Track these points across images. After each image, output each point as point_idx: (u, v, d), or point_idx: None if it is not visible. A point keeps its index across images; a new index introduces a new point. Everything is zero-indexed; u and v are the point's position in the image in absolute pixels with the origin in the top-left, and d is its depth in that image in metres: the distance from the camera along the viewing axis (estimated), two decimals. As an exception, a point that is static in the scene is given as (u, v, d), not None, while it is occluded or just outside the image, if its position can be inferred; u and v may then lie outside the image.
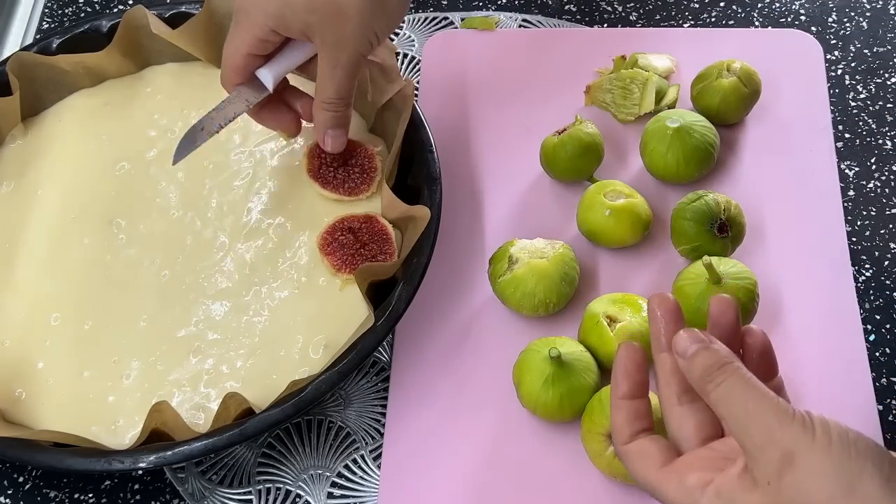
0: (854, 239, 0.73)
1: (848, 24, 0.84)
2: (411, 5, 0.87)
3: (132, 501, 0.65)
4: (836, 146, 0.77)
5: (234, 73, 0.65)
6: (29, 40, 0.88)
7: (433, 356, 0.68)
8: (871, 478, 0.41)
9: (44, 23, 0.90)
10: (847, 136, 0.78)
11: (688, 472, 0.46)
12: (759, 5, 0.86)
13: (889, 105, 0.80)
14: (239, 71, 0.65)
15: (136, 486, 0.65)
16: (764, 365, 0.51)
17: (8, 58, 0.74)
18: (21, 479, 0.66)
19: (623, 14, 0.86)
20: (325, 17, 0.59)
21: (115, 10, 0.90)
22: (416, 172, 0.70)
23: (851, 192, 0.75)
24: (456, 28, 0.85)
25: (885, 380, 0.67)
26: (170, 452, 0.58)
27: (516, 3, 0.87)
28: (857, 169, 0.76)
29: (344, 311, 0.67)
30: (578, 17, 0.86)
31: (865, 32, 0.84)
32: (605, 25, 0.85)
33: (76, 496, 0.65)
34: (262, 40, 0.62)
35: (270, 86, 0.65)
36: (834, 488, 0.41)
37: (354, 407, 0.67)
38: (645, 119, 0.76)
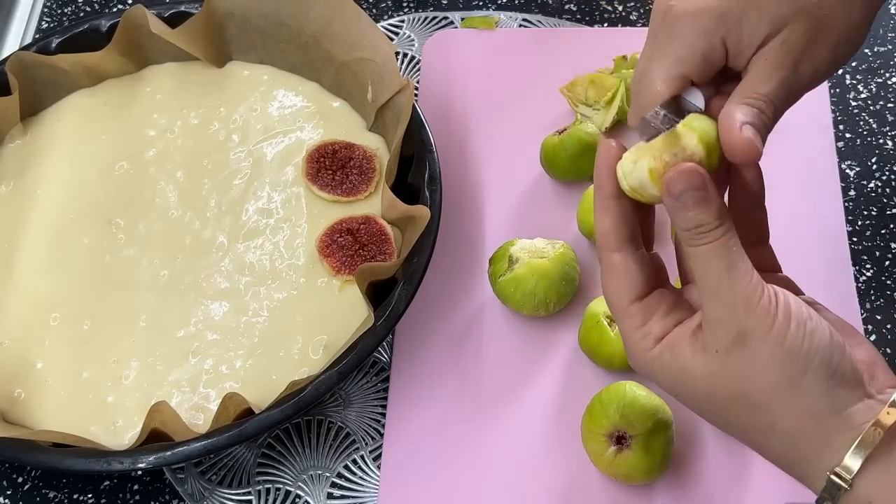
0: (855, 239, 0.73)
1: (848, 24, 0.84)
2: (411, 4, 0.87)
3: (132, 502, 0.65)
4: (836, 146, 0.77)
5: (657, 99, 0.47)
6: (28, 40, 0.88)
7: (433, 356, 0.68)
8: (815, 373, 0.42)
9: (43, 22, 0.90)
10: (848, 135, 0.78)
11: (653, 316, 0.45)
12: (760, 5, 0.85)
13: (890, 105, 0.79)
14: (662, 97, 0.47)
15: (136, 487, 0.65)
16: (754, 191, 0.48)
17: (7, 57, 0.74)
18: (20, 480, 0.66)
19: (623, 14, 0.86)
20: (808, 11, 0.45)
21: (115, 9, 0.90)
22: (416, 172, 0.70)
23: (852, 192, 0.75)
24: (456, 28, 0.85)
25: (885, 380, 0.67)
26: (169, 453, 0.58)
27: (516, 2, 0.87)
28: (857, 169, 0.76)
29: (344, 312, 0.67)
30: (578, 16, 0.86)
31: (866, 32, 0.84)
32: (605, 25, 0.85)
33: (75, 496, 0.65)
34: (705, 55, 0.46)
35: (702, 105, 0.47)
36: (778, 377, 0.42)
37: (354, 407, 0.67)
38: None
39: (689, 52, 0.46)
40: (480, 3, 0.87)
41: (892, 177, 0.76)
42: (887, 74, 0.81)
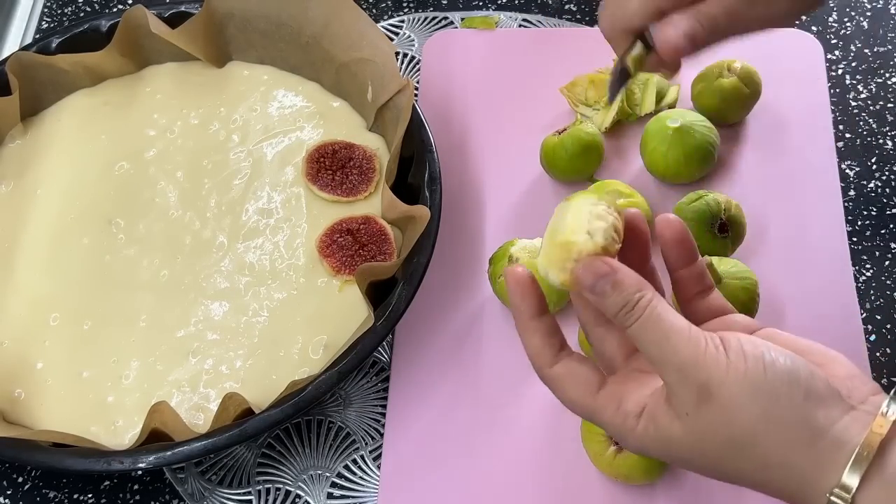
0: (854, 239, 0.73)
1: (848, 24, 0.84)
2: (411, 4, 0.87)
3: (132, 502, 0.65)
4: (836, 146, 0.77)
5: (627, 29, 0.52)
6: (28, 40, 0.88)
7: (433, 356, 0.68)
8: (788, 400, 0.42)
9: (43, 22, 0.90)
10: (847, 135, 0.78)
11: (624, 396, 0.46)
12: (760, 5, 0.85)
13: (890, 105, 0.79)
14: (633, 27, 0.52)
15: (136, 487, 0.65)
16: (682, 251, 0.49)
17: (7, 57, 0.74)
18: (20, 480, 0.66)
19: (623, 14, 0.86)
20: None
21: (115, 9, 0.90)
22: (416, 172, 0.70)
23: (852, 192, 0.75)
24: (456, 28, 0.85)
25: (885, 380, 0.67)
26: (169, 453, 0.58)
27: (516, 2, 0.87)
28: (857, 169, 0.76)
29: (344, 312, 0.67)
30: (578, 16, 0.86)
31: (866, 32, 0.84)
32: (606, 25, 0.85)
33: (75, 496, 0.65)
34: None
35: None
36: (750, 415, 0.42)
37: (354, 407, 0.67)
38: (645, 119, 0.76)
39: None
40: (480, 3, 0.87)
41: (892, 177, 0.76)
42: (887, 74, 0.81)
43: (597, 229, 0.45)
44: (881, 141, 0.78)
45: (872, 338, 0.68)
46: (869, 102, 0.80)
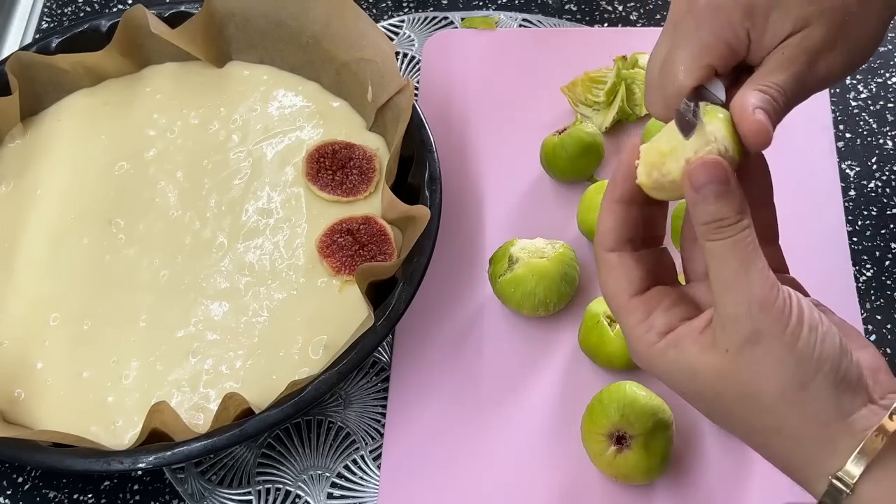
0: (855, 239, 0.73)
1: (848, 24, 0.84)
2: (411, 4, 0.87)
3: (131, 502, 0.65)
4: (836, 146, 0.77)
5: (682, 88, 0.46)
6: (28, 40, 0.88)
7: (433, 356, 0.68)
8: (824, 379, 0.42)
9: (43, 22, 0.90)
10: (848, 135, 0.78)
11: (656, 310, 0.45)
12: (760, 5, 0.85)
13: (890, 105, 0.79)
14: (687, 86, 0.46)
15: (136, 487, 0.65)
16: (763, 189, 0.48)
17: (7, 57, 0.74)
18: (20, 480, 0.66)
19: (623, 14, 0.86)
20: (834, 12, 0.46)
21: (115, 9, 0.90)
22: (416, 172, 0.70)
23: (852, 192, 0.75)
24: (456, 28, 0.85)
25: (885, 380, 0.67)
26: (169, 453, 0.58)
27: (516, 2, 0.87)
28: (857, 169, 0.76)
29: (344, 312, 0.67)
30: (578, 16, 0.86)
31: (866, 32, 0.83)
32: (606, 25, 0.85)
33: (75, 496, 0.65)
34: (730, 45, 0.46)
35: (724, 96, 0.47)
36: (788, 381, 0.42)
37: (354, 407, 0.67)
38: (645, 119, 0.76)
39: (716, 41, 0.46)
40: (480, 3, 0.87)
41: (892, 177, 0.76)
42: (887, 74, 0.81)
43: (734, 133, 0.43)
44: (881, 141, 0.78)
45: (872, 338, 0.68)
46: (869, 102, 0.80)
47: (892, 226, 0.73)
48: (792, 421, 0.42)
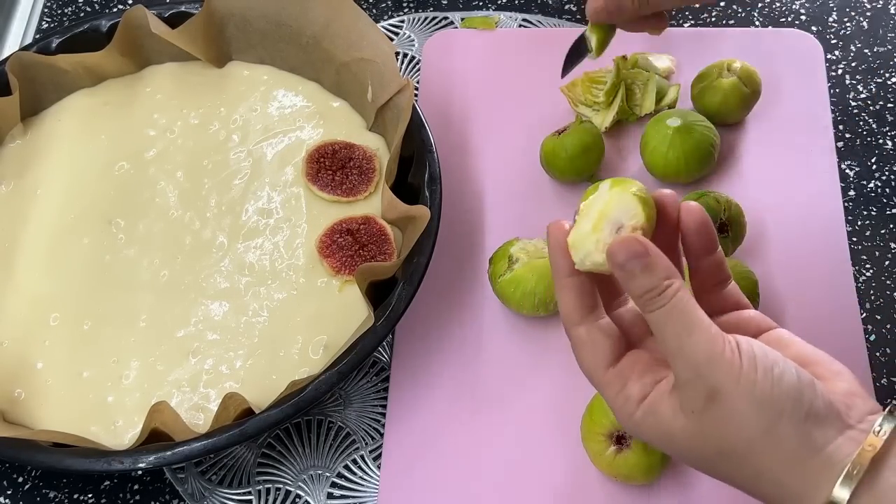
0: (854, 239, 0.73)
1: (848, 24, 0.84)
2: (411, 4, 0.87)
3: (132, 502, 0.65)
4: (836, 146, 0.77)
5: None
6: (28, 40, 0.88)
7: (433, 356, 0.68)
8: (789, 419, 0.42)
9: (43, 22, 0.90)
10: (847, 135, 0.78)
11: (630, 379, 0.46)
12: (760, 5, 0.86)
13: (889, 105, 0.79)
14: None
15: (136, 487, 0.65)
16: (703, 240, 0.49)
17: (7, 57, 0.74)
18: (20, 479, 0.66)
19: (623, 14, 0.86)
20: None
21: (115, 9, 0.90)
22: (416, 172, 0.70)
23: (852, 192, 0.75)
24: (456, 28, 0.85)
25: (885, 380, 0.67)
26: (169, 453, 0.58)
27: (516, 2, 0.87)
28: (857, 169, 0.76)
29: (344, 312, 0.67)
30: (578, 16, 0.86)
31: (866, 32, 0.84)
32: (605, 25, 0.85)
33: (76, 496, 0.65)
34: None
35: None
36: (754, 430, 0.42)
37: (354, 407, 0.67)
38: (645, 119, 0.76)
39: None
40: (480, 3, 0.87)
41: (892, 177, 0.76)
42: (887, 74, 0.81)
43: (633, 213, 0.45)
44: (881, 141, 0.78)
45: (872, 338, 0.68)
46: (869, 102, 0.80)
47: (891, 226, 0.73)
48: (769, 466, 0.42)
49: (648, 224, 0.45)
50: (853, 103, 0.80)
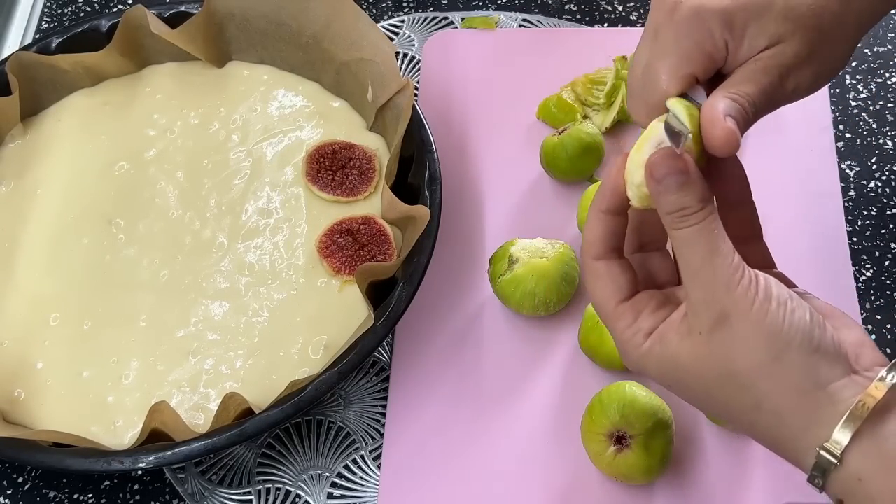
0: (854, 239, 0.73)
1: (848, 24, 0.84)
2: (411, 4, 0.87)
3: (132, 502, 0.65)
4: (836, 146, 0.77)
5: (665, 95, 0.47)
6: (28, 40, 0.88)
7: (433, 356, 0.68)
8: (798, 350, 0.42)
9: (43, 22, 0.90)
10: (848, 135, 0.78)
11: (641, 314, 0.46)
12: (760, 5, 0.85)
13: (890, 105, 0.79)
14: (670, 94, 0.47)
15: (136, 487, 0.65)
16: (737, 187, 0.49)
17: (7, 57, 0.74)
18: (20, 479, 0.66)
19: (623, 14, 0.86)
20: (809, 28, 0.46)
21: (115, 9, 0.90)
22: (416, 172, 0.70)
23: (852, 192, 0.75)
24: (456, 28, 0.85)
25: (885, 380, 0.67)
26: (169, 452, 0.58)
27: (516, 2, 0.87)
28: (857, 169, 0.76)
29: (344, 312, 0.67)
30: (578, 16, 0.86)
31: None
32: (605, 25, 0.85)
33: (76, 496, 0.65)
34: (710, 56, 0.47)
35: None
36: (761, 356, 0.42)
37: (354, 407, 0.67)
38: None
39: (697, 51, 0.46)
40: (480, 3, 0.87)
41: (892, 177, 0.76)
42: (887, 74, 0.81)
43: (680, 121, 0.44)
44: (881, 141, 0.78)
45: (872, 337, 0.68)
46: (869, 102, 0.80)
47: (892, 226, 0.73)
48: (771, 395, 0.43)
49: (697, 156, 0.44)
50: (853, 103, 0.80)
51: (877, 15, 0.50)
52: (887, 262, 0.72)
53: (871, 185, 0.76)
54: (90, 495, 0.65)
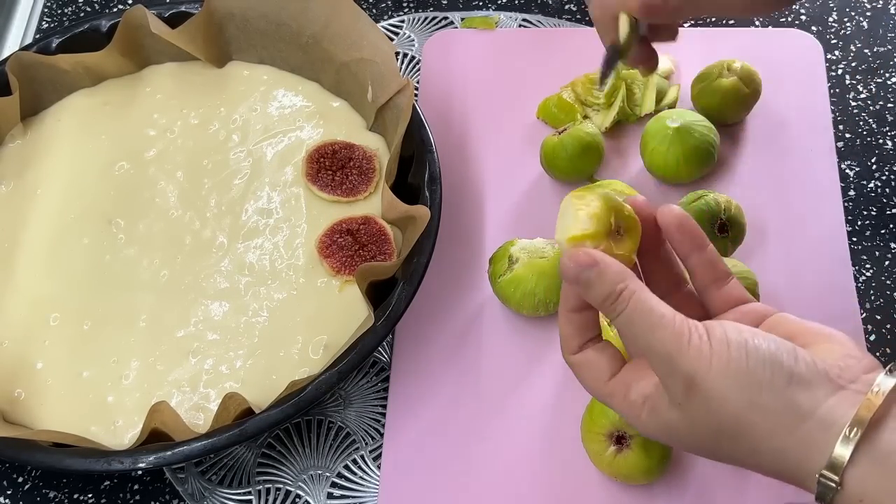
0: (854, 239, 0.73)
1: (848, 24, 0.84)
2: (411, 4, 0.87)
3: (132, 502, 0.65)
4: (836, 146, 0.77)
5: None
6: (28, 40, 0.88)
7: (433, 356, 0.68)
8: (769, 387, 0.42)
9: (43, 22, 0.90)
10: (847, 135, 0.78)
11: (630, 385, 0.47)
12: (760, 5, 0.86)
13: (889, 105, 0.79)
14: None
15: (136, 487, 0.65)
16: (687, 238, 0.50)
17: (7, 57, 0.74)
18: (20, 479, 0.66)
19: (623, 14, 0.86)
20: None
21: (115, 9, 0.90)
22: (416, 172, 0.70)
23: (852, 192, 0.75)
24: (456, 28, 0.85)
25: (885, 380, 0.66)
26: (169, 452, 0.58)
27: (516, 2, 0.87)
28: (857, 169, 0.76)
29: (344, 312, 0.67)
30: (578, 16, 0.86)
31: (866, 32, 0.84)
32: (605, 25, 0.85)
33: (76, 496, 0.65)
34: None
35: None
36: (735, 405, 0.42)
37: (354, 407, 0.67)
38: (645, 119, 0.76)
39: None
40: (480, 3, 0.87)
41: (892, 177, 0.76)
42: (887, 74, 0.81)
43: (582, 218, 0.46)
44: (881, 141, 0.78)
45: (872, 338, 0.68)
46: (869, 102, 0.80)
47: (891, 226, 0.73)
48: (762, 438, 0.43)
49: (597, 229, 0.46)
50: (853, 103, 0.80)
51: None
52: (887, 262, 0.72)
53: (871, 185, 0.76)
54: (90, 495, 0.65)
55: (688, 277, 0.51)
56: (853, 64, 0.82)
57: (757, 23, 0.84)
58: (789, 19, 0.85)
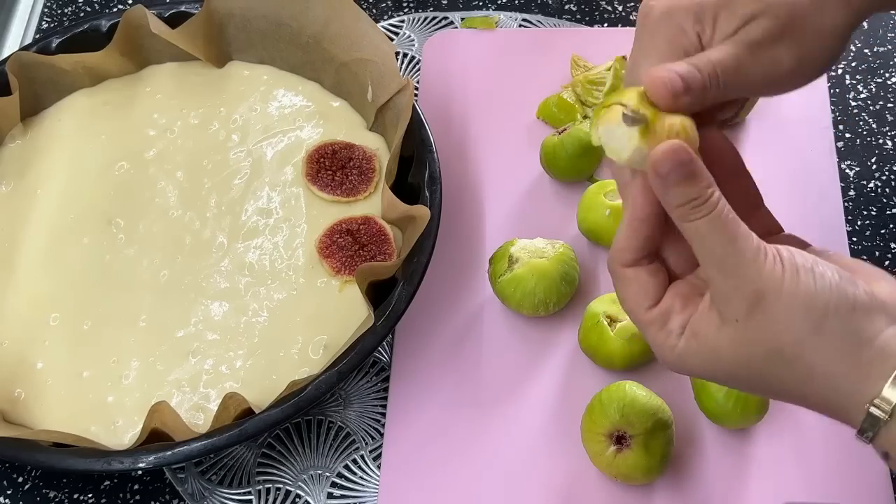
0: (854, 239, 0.73)
1: (848, 24, 0.84)
2: (411, 4, 0.87)
3: (132, 501, 0.65)
4: (836, 146, 0.77)
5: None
6: (28, 40, 0.88)
7: (433, 356, 0.68)
8: (836, 312, 0.42)
9: (43, 22, 0.90)
10: (847, 135, 0.78)
11: (671, 314, 0.46)
12: (760, 5, 0.85)
13: (889, 105, 0.79)
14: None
15: (136, 487, 0.65)
16: (728, 159, 0.49)
17: (7, 57, 0.74)
18: (20, 479, 0.66)
19: (623, 14, 0.86)
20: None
21: (115, 9, 0.90)
22: (416, 172, 0.70)
23: (852, 192, 0.75)
24: (456, 28, 0.85)
25: (885, 380, 0.66)
26: (169, 452, 0.58)
27: (516, 2, 0.87)
28: (857, 169, 0.76)
29: (344, 312, 0.67)
30: (578, 16, 0.86)
31: (866, 32, 0.84)
32: (605, 25, 0.85)
33: (76, 496, 0.65)
34: (685, 50, 0.48)
35: None
36: (803, 328, 0.42)
37: (354, 407, 0.67)
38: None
39: (670, 48, 0.47)
40: (480, 3, 0.87)
41: (892, 177, 0.76)
42: (887, 74, 0.81)
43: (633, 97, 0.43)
44: (881, 141, 0.78)
45: (872, 338, 0.68)
46: (869, 102, 0.80)
47: (891, 226, 0.74)
48: (819, 363, 0.42)
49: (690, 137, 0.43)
50: (853, 103, 0.80)
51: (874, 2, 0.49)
52: (887, 262, 0.72)
53: (871, 185, 0.76)
54: (90, 495, 0.65)
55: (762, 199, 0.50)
56: (853, 64, 0.82)
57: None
58: (789, 19, 0.85)
